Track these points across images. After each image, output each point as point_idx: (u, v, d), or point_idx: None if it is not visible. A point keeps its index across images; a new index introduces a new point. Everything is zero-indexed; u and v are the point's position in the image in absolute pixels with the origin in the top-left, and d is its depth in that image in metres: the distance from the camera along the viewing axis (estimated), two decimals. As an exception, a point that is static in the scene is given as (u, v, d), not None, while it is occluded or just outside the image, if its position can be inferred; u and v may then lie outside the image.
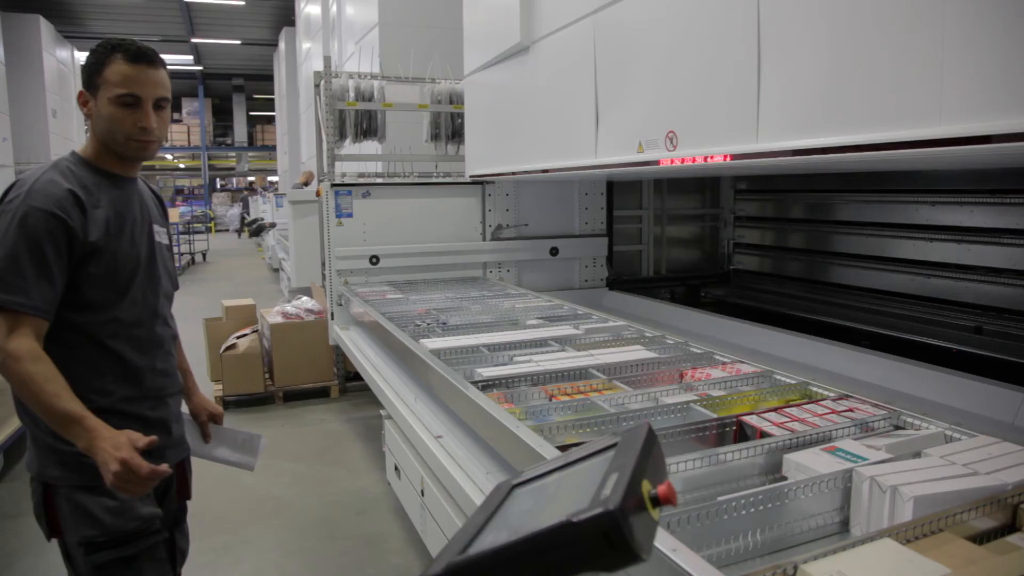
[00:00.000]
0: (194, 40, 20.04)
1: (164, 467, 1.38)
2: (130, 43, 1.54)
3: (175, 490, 1.76)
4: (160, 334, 1.68)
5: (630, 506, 0.70)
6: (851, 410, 1.78)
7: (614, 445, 0.82)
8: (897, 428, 1.71)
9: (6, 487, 3.64)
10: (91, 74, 1.54)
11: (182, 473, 1.80)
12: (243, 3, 17.29)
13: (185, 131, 25.89)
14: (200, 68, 23.08)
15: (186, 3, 17.48)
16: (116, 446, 1.34)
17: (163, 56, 1.59)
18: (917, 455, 1.46)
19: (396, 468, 2.80)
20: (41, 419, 1.43)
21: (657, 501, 0.74)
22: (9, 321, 1.38)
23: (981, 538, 1.17)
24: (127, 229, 1.59)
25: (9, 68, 13.48)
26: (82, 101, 1.56)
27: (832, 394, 1.93)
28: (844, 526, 1.36)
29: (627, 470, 0.73)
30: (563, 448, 1.56)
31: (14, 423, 3.93)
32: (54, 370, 1.39)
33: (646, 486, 0.74)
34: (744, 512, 1.27)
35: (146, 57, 1.54)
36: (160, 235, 1.71)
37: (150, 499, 1.59)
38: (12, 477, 3.75)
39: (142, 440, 1.38)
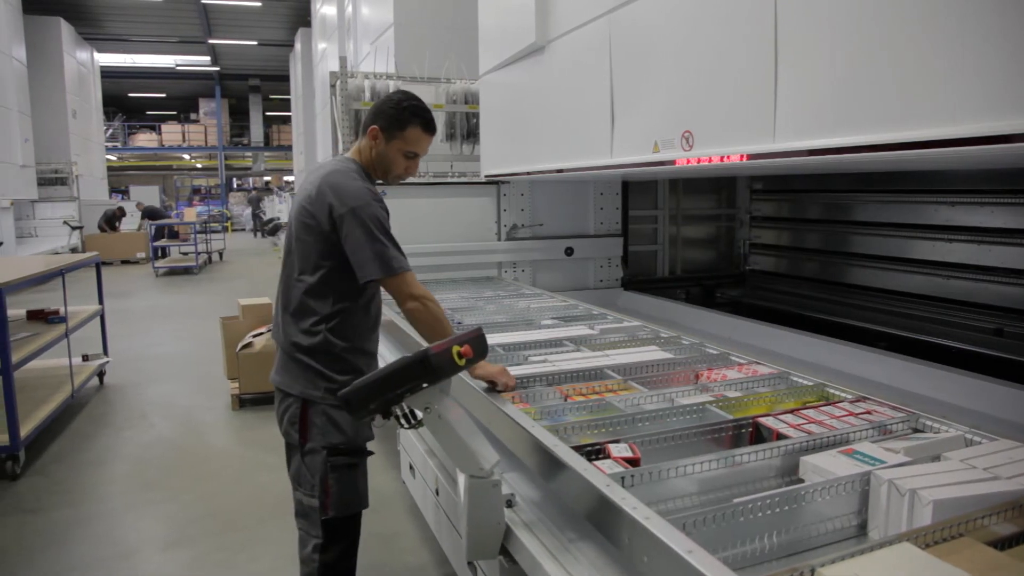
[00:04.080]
0: (211, 41, 20.21)
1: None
2: (428, 114, 2.07)
3: None
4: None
5: (441, 353, 1.54)
6: (869, 412, 1.77)
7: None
8: (916, 431, 1.70)
9: (27, 482, 3.69)
10: (392, 124, 2.03)
11: None
12: (259, 4, 17.43)
13: (202, 131, 26.14)
14: (217, 69, 23.28)
15: (203, 5, 17.64)
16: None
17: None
18: (936, 458, 1.45)
19: (411, 467, 2.80)
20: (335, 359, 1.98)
21: (460, 355, 1.56)
22: (410, 277, 1.96)
23: (1002, 543, 1.16)
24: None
25: (31, 70, 13.72)
26: (373, 135, 2.05)
27: (849, 396, 1.92)
28: (862, 529, 1.36)
29: (450, 341, 1.59)
30: (578, 449, 1.56)
31: (36, 419, 4.00)
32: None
33: (456, 348, 1.56)
34: (760, 514, 1.27)
35: (434, 129, 2.10)
36: None
37: (370, 427, 2.07)
38: (32, 472, 3.80)
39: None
